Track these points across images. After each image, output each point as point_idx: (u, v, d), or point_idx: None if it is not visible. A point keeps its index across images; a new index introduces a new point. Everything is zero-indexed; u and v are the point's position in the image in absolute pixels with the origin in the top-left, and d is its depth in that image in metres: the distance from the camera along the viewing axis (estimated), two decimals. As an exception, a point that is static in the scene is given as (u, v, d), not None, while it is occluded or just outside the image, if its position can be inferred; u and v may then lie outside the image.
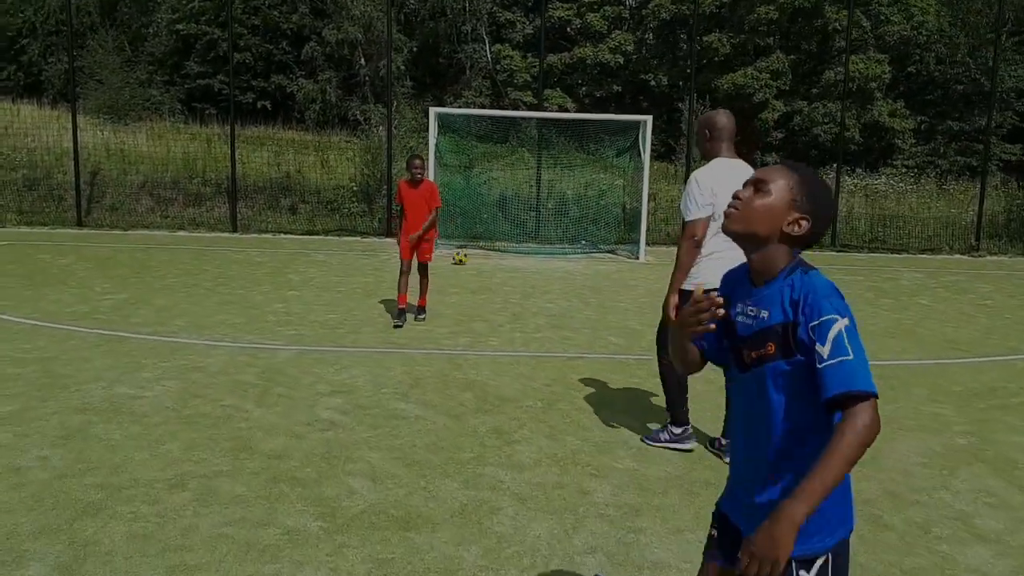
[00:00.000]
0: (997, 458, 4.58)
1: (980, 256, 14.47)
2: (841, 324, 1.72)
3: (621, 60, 33.05)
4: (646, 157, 13.03)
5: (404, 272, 7.50)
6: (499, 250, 13.73)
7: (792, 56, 31.96)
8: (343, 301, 8.44)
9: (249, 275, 10.20)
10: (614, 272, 11.46)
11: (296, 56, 33.55)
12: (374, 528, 3.51)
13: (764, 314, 1.84)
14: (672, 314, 4.17)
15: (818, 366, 1.69)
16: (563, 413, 5.11)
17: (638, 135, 13.48)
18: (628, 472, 4.17)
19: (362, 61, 33.33)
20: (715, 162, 4.29)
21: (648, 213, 13.61)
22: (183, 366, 5.92)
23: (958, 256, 14.54)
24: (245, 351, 6.42)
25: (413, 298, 7.72)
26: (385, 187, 15.33)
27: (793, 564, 1.77)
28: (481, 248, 13.79)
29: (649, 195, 13.70)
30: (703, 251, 4.18)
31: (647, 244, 13.32)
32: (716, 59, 31.71)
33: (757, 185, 1.88)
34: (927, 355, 7.01)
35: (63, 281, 9.31)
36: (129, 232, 14.80)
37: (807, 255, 1.99)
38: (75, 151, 15.57)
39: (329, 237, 14.48)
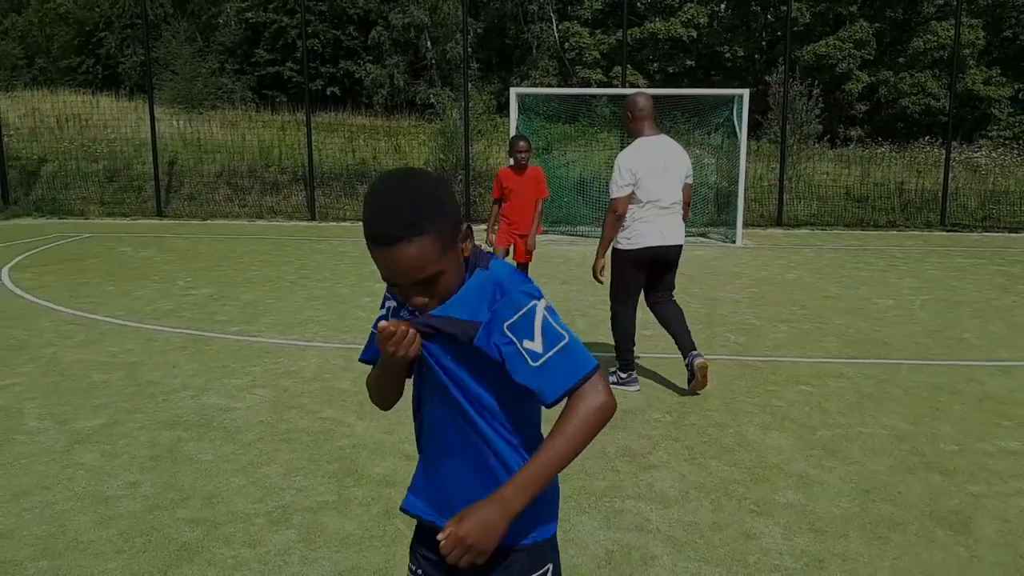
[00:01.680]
0: None
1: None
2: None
3: (695, 34, 31.84)
4: (742, 134, 12.23)
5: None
6: (582, 235, 13.12)
7: (876, 24, 30.32)
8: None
9: (332, 266, 9.83)
10: (712, 258, 10.72)
11: (363, 41, 33.35)
12: None
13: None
14: (600, 277, 5.15)
15: (533, 363, 1.53)
16: (698, 429, 4.50)
17: (732, 111, 12.64)
18: (795, 508, 3.56)
19: (428, 44, 32.92)
20: (638, 142, 4.95)
21: (743, 193, 12.79)
22: (274, 371, 5.52)
23: (1085, 234, 13.33)
24: (338, 352, 5.99)
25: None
26: (462, 171, 14.85)
27: (524, 553, 1.62)
28: (563, 234, 13.20)
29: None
30: (636, 216, 4.88)
31: (744, 226, 12.52)
32: (796, 29, 30.24)
33: (422, 282, 1.50)
34: (1096, 353, 6.17)
35: (145, 276, 9.08)
36: (208, 221, 14.69)
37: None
38: (153, 142, 15.52)
39: (406, 224, 14.07)
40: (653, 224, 4.86)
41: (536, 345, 1.48)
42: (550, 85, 29.70)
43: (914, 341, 6.46)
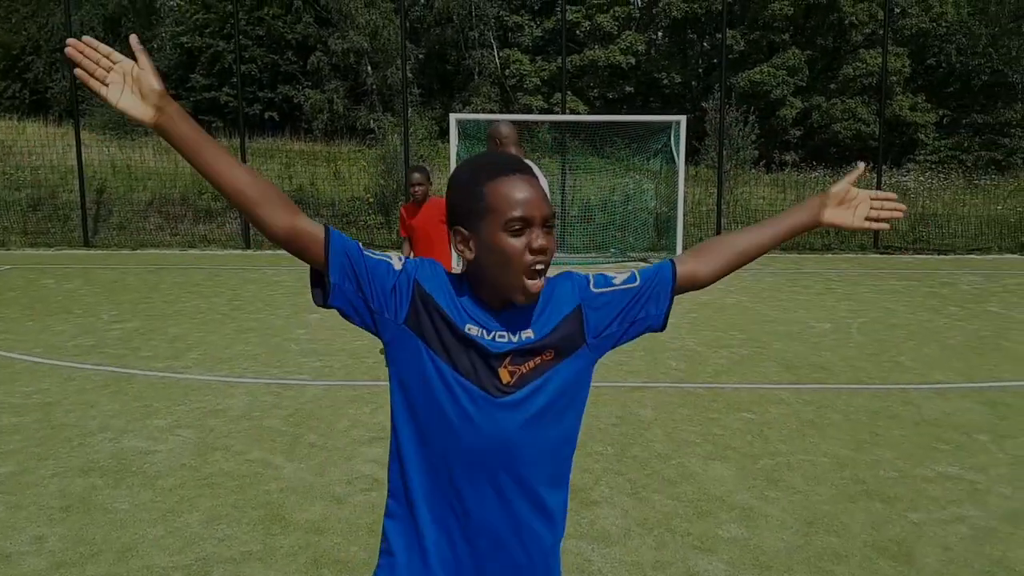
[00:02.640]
0: None
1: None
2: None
3: (633, 61, 32.37)
4: (681, 159, 12.36)
5: None
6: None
7: (808, 52, 31.25)
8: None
9: (266, 296, 9.54)
10: (652, 283, 10.74)
11: (302, 66, 33.03)
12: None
13: (526, 334, 1.50)
14: None
15: (635, 284, 1.59)
16: (640, 462, 4.41)
17: (670, 136, 12.79)
18: (738, 543, 3.47)
19: (368, 69, 32.79)
20: None
21: (683, 217, 12.91)
22: (200, 410, 5.26)
23: (1009, 255, 13.80)
24: (269, 389, 5.75)
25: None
26: (403, 197, 14.70)
27: None
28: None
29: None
30: None
31: (683, 251, 12.64)
32: (731, 56, 30.99)
33: (546, 223, 1.48)
34: (1026, 373, 6.30)
35: (68, 309, 8.67)
36: (138, 251, 14.21)
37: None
38: (79, 168, 15.00)
39: (346, 252, 13.82)
40: None
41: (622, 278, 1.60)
42: (492, 111, 29.79)
43: (852, 365, 6.51)
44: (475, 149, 14.20)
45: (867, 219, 1.70)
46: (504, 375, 1.46)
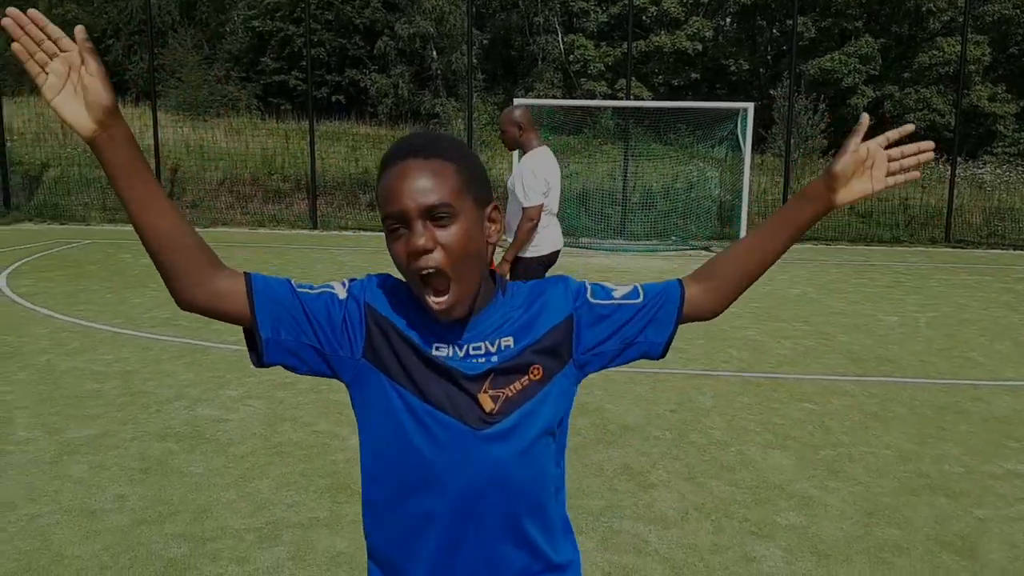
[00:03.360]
0: None
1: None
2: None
3: (700, 47, 31.86)
4: (747, 147, 12.19)
5: None
6: (584, 247, 13.07)
7: (881, 39, 30.33)
8: (431, 306, 7.92)
9: (333, 275, 9.77)
10: (714, 272, 10.65)
11: (369, 51, 33.43)
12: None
13: (505, 342, 1.28)
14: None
15: (636, 300, 1.37)
16: (699, 448, 4.42)
17: (736, 124, 12.60)
18: (797, 531, 3.47)
19: (434, 55, 33.00)
20: (541, 150, 4.87)
21: (747, 207, 12.74)
22: (270, 382, 5.45)
23: (1091, 253, 13.24)
24: (334, 365, 5.92)
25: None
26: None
27: None
28: (566, 245, 13.14)
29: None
30: (543, 224, 4.82)
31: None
32: (801, 43, 30.26)
33: (430, 215, 1.20)
34: (1104, 374, 6.08)
35: (144, 283, 9.03)
36: (210, 229, 14.64)
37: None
38: (156, 148, 15.51)
39: (408, 234, 14.03)
40: (555, 229, 5.06)
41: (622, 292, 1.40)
42: (555, 97, 29.72)
43: (919, 359, 6.37)
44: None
45: (889, 175, 1.37)
46: (485, 402, 1.25)
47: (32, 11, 1.13)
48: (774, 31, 34.89)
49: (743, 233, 12.37)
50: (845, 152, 1.35)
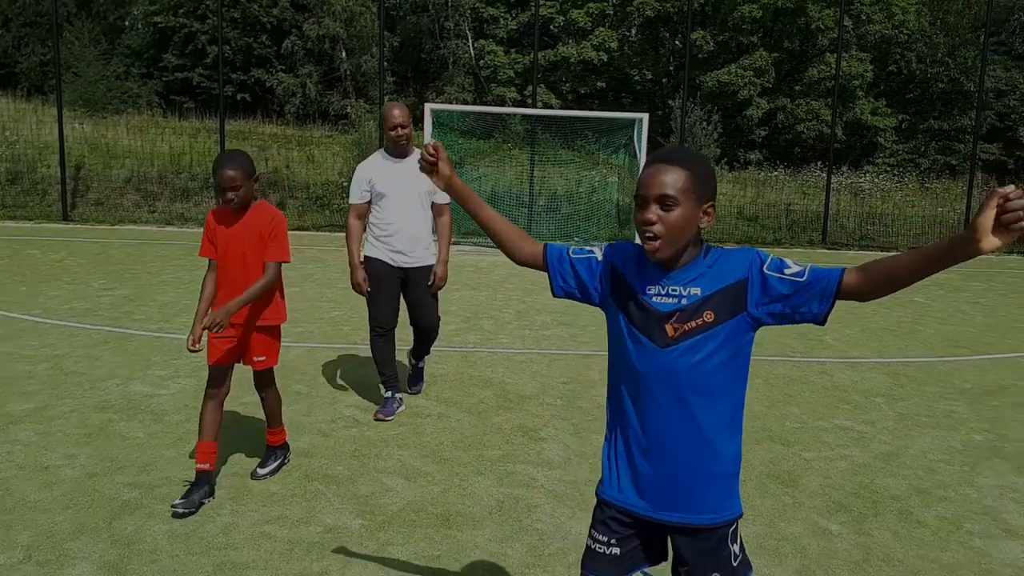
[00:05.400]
0: (1017, 454, 4.66)
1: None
2: (786, 258, 1.94)
3: (605, 57, 33.09)
4: (642, 155, 13.07)
5: (210, 392, 3.81)
6: (492, 247, 13.72)
7: (775, 54, 32.21)
8: (346, 298, 8.38)
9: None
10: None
11: (276, 50, 33.26)
12: (415, 525, 3.51)
13: (694, 291, 1.91)
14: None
15: (801, 279, 1.85)
16: (584, 411, 5.12)
17: (633, 133, 13.52)
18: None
19: (343, 56, 33.13)
20: (378, 152, 4.98)
21: (642, 210, 13.66)
22: (195, 363, 5.86)
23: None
24: (256, 348, 6.36)
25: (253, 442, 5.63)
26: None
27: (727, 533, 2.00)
28: (475, 244, 13.78)
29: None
30: (377, 232, 4.87)
31: (637, 242, 13.39)
32: (700, 56, 31.85)
33: (662, 202, 1.87)
34: (932, 353, 7.12)
35: (57, 277, 9.18)
36: (116, 227, 14.62)
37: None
38: (61, 144, 15.35)
39: (320, 233, 14.38)
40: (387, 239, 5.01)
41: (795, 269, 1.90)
42: (465, 101, 30.34)
43: (780, 341, 7.28)
44: (448, 138, 14.82)
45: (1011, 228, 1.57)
46: (669, 331, 1.91)
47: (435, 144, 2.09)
48: (676, 43, 36.48)
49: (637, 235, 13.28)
50: (984, 210, 1.59)
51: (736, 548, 2.03)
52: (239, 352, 3.86)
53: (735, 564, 2.02)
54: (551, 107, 28.87)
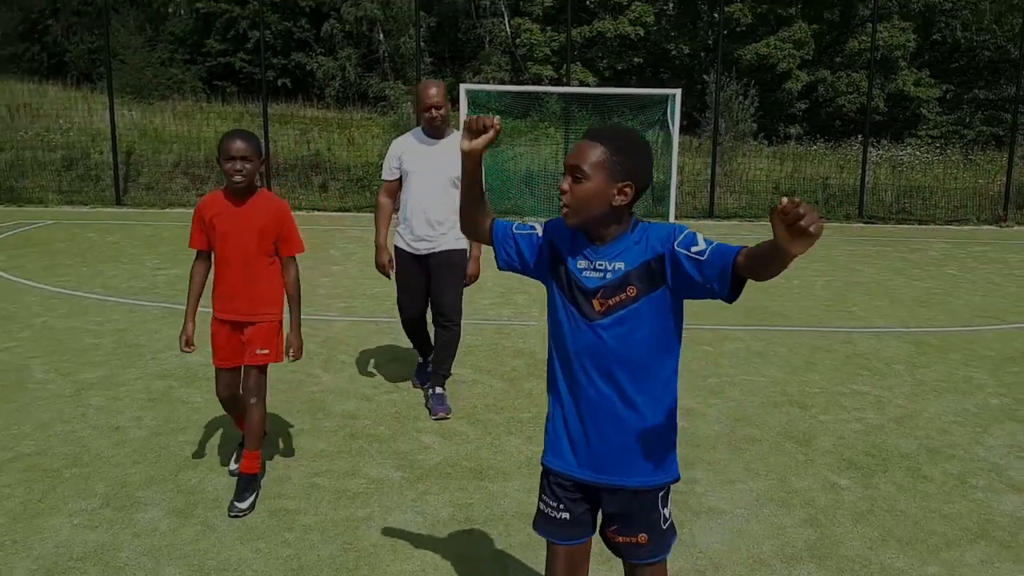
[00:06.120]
0: (1027, 416, 4.82)
1: (1008, 227, 14.54)
2: (698, 234, 1.98)
3: (642, 32, 32.91)
4: (675, 130, 13.20)
5: (223, 394, 3.83)
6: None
7: (814, 26, 31.73)
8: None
9: (291, 250, 10.50)
10: (644, 245, 11.68)
11: (315, 33, 33.71)
12: (450, 478, 3.83)
13: (618, 265, 2.00)
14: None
15: (702, 258, 1.90)
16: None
17: (666, 108, 13.62)
18: (680, 431, 4.44)
19: (381, 37, 33.46)
20: (414, 131, 4.88)
21: (676, 186, 13.79)
22: (246, 336, 6.25)
23: (985, 226, 14.63)
24: (307, 323, 6.72)
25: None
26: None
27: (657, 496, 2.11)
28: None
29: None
30: (401, 215, 4.85)
31: (675, 218, 13.53)
32: (738, 29, 31.53)
33: (573, 173, 1.97)
34: (958, 323, 7.23)
35: (115, 258, 9.68)
36: (167, 210, 15.18)
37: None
38: (112, 130, 15.94)
39: (362, 213, 14.76)
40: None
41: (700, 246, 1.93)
42: (502, 80, 30.43)
43: (807, 312, 7.46)
44: (484, 118, 15.01)
45: (792, 231, 1.63)
46: (596, 305, 2.00)
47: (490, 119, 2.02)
48: (714, 16, 36.08)
49: (672, 212, 13.42)
50: (773, 228, 1.69)
51: (667, 512, 2.14)
52: (244, 348, 3.66)
53: (664, 527, 2.13)
54: (587, 85, 28.89)
